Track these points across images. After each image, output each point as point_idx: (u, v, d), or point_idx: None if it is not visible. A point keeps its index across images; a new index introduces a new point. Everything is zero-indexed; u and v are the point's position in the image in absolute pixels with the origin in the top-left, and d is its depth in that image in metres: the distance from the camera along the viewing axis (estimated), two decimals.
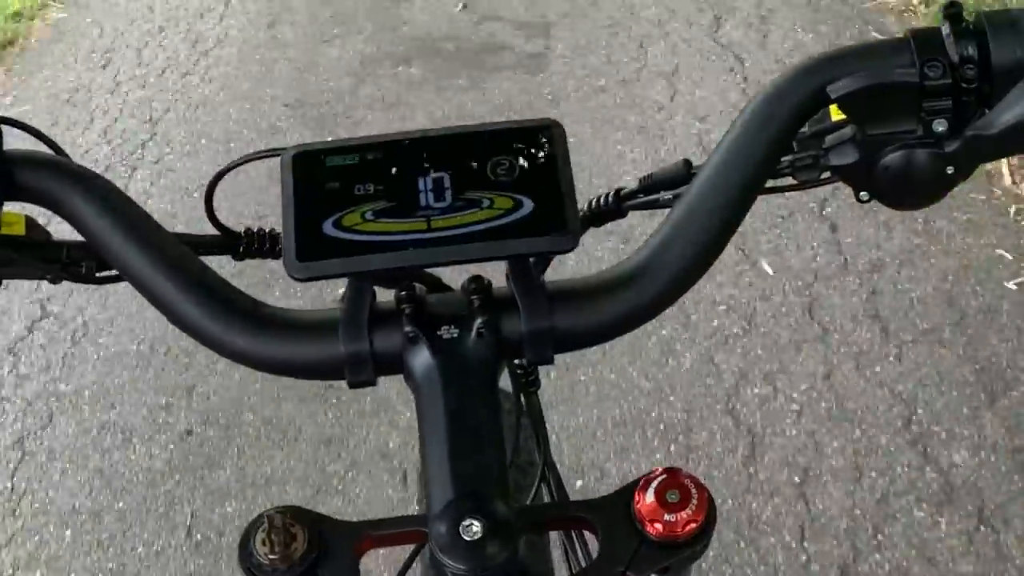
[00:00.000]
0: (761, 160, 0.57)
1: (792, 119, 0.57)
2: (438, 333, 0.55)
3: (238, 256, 0.69)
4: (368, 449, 1.98)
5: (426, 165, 0.55)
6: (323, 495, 1.89)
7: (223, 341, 0.56)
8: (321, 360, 0.55)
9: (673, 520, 0.54)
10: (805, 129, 0.61)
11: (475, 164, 0.55)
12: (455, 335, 0.55)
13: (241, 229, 0.69)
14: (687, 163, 0.67)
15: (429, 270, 0.68)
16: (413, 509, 1.43)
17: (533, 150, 0.55)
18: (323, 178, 0.55)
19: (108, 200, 0.56)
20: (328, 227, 0.54)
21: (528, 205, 0.54)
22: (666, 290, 0.57)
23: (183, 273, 0.56)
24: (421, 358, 0.55)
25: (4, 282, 0.62)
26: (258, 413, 2.07)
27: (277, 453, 1.99)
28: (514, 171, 0.54)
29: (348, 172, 0.55)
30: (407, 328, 0.55)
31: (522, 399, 0.84)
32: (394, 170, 0.55)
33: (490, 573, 0.50)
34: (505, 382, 0.78)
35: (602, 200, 0.72)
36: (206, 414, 2.08)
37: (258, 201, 2.55)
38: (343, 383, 0.56)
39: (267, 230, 0.69)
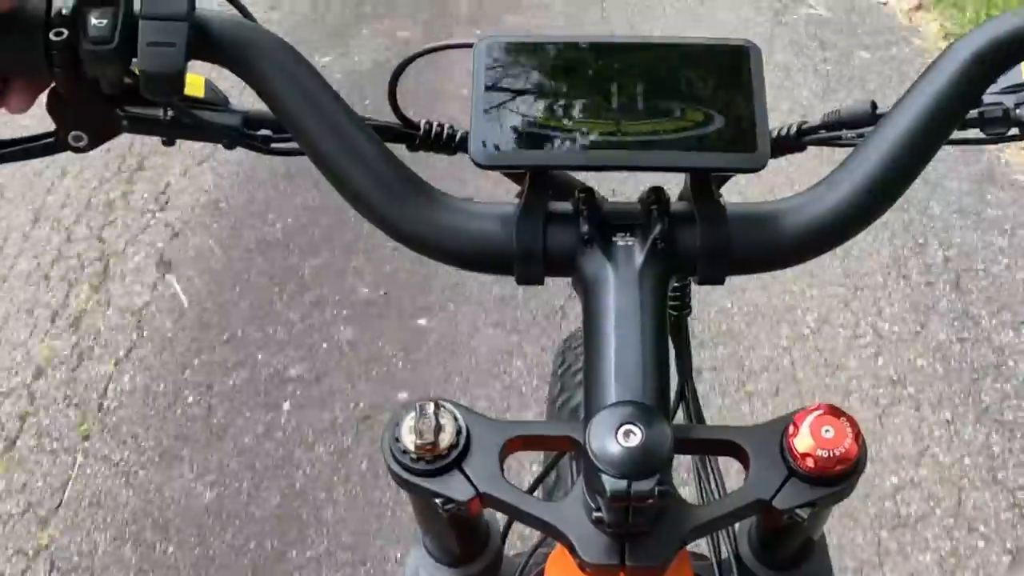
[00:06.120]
0: (949, 111, 0.56)
1: (985, 72, 0.56)
2: (613, 239, 0.55)
3: (413, 147, 0.68)
4: None
5: (621, 70, 0.54)
6: None
7: (399, 224, 0.56)
8: (494, 252, 0.55)
9: (826, 456, 0.53)
10: (995, 84, 0.60)
11: (670, 76, 0.54)
12: (630, 243, 0.55)
13: (420, 121, 0.69)
14: (873, 105, 0.66)
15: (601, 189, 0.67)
16: None
17: (729, 69, 0.55)
18: (515, 71, 0.54)
19: (297, 70, 0.56)
20: (517, 119, 0.53)
21: (719, 121, 0.53)
22: (841, 227, 0.56)
23: (365, 152, 0.56)
24: (594, 262, 0.55)
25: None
26: None
27: None
28: (708, 87, 0.54)
29: (542, 68, 0.54)
30: (583, 229, 0.54)
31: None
32: (588, 71, 0.54)
33: (643, 484, 0.49)
34: None
35: (783, 131, 0.71)
36: None
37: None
38: None
39: (446, 125, 0.69)
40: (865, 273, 2.29)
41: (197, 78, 0.61)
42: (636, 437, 0.49)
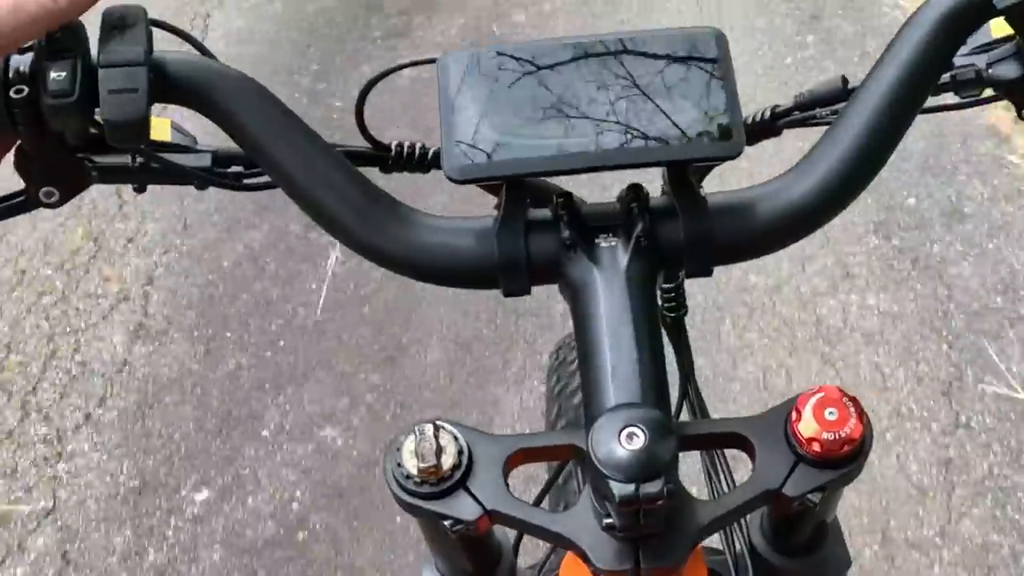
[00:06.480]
0: (921, 77, 0.55)
1: (954, 34, 0.55)
2: (596, 241, 0.54)
3: (386, 169, 0.68)
4: None
5: (587, 69, 0.54)
6: None
7: (377, 247, 0.55)
8: (477, 267, 0.55)
9: (832, 439, 0.52)
10: (964, 46, 0.60)
11: (637, 70, 0.54)
12: (613, 244, 0.54)
13: (391, 142, 0.68)
14: (844, 80, 0.65)
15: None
16: None
17: (697, 58, 0.54)
18: (481, 83, 0.54)
19: (261, 103, 0.55)
20: (487, 130, 0.53)
21: (692, 111, 0.53)
22: (824, 205, 0.56)
23: (337, 179, 0.55)
24: (579, 267, 0.54)
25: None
26: None
27: None
28: (677, 77, 0.53)
29: (507, 76, 0.54)
30: (565, 234, 0.54)
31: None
32: (554, 74, 0.54)
33: (651, 486, 0.48)
34: None
35: (757, 117, 0.70)
36: None
37: None
38: None
39: (417, 144, 0.68)
40: None
41: (163, 121, 0.61)
42: (639, 439, 0.49)
